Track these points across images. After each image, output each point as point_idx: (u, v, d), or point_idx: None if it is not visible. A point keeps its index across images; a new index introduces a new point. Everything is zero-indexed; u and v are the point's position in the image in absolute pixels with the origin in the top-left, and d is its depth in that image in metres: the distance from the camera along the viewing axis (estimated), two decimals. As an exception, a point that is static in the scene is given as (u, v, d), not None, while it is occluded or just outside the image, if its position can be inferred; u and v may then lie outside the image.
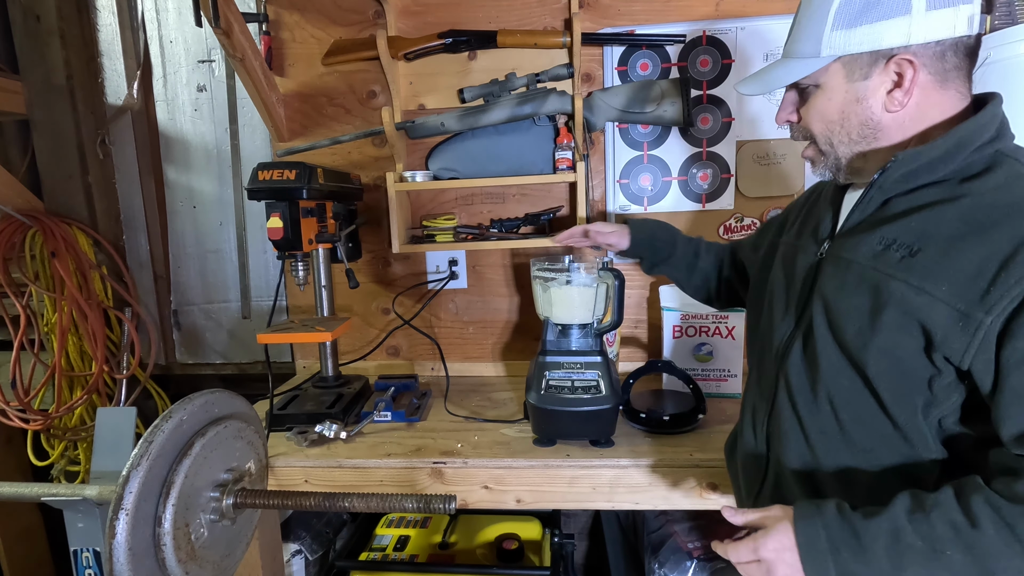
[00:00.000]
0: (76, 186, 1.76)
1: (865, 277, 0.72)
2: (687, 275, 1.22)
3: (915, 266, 0.67)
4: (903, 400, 0.71)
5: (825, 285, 0.77)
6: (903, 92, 0.70)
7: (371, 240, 1.71)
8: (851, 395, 0.74)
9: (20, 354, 1.64)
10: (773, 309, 0.87)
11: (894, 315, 0.68)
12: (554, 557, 1.47)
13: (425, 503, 0.80)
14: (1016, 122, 1.30)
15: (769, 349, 0.86)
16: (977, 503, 0.61)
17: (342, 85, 1.64)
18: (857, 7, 0.69)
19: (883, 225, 0.72)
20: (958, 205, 0.67)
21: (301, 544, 1.56)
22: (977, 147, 0.68)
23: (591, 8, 1.54)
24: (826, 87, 0.75)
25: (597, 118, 1.52)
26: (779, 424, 0.83)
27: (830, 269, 0.78)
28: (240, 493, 0.87)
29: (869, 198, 0.75)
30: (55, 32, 1.69)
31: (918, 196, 0.71)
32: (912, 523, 0.63)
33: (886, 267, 0.70)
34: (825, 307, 0.76)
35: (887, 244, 0.71)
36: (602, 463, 1.14)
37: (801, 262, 0.84)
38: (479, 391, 1.58)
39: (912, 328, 0.67)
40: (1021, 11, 1.41)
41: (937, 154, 0.69)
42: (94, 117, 1.78)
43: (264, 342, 1.27)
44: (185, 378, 1.93)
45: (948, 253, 0.65)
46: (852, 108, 0.74)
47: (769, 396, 0.86)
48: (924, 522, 0.62)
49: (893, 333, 0.69)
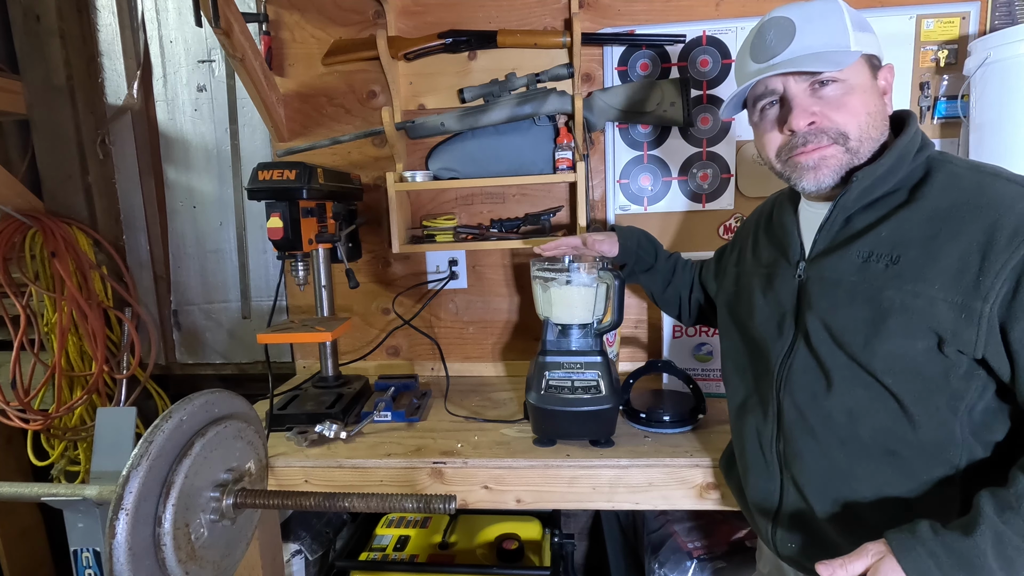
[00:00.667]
0: (76, 186, 1.76)
1: (857, 292, 0.74)
2: (662, 288, 1.24)
3: (902, 272, 0.70)
4: (925, 399, 0.72)
5: (816, 305, 0.79)
6: (889, 97, 0.80)
7: (371, 240, 1.71)
8: (870, 403, 0.75)
9: (20, 354, 1.64)
10: (763, 335, 0.88)
11: (900, 322, 0.70)
12: (554, 557, 1.47)
13: (425, 503, 0.80)
14: (1016, 122, 1.31)
15: (766, 373, 0.87)
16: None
17: (342, 85, 1.64)
18: (858, 17, 0.77)
19: (854, 241, 0.77)
20: (918, 209, 0.73)
21: (301, 544, 1.56)
22: (912, 157, 0.76)
23: (591, 8, 1.54)
24: (859, 82, 0.77)
25: (597, 118, 1.52)
26: (792, 444, 0.83)
27: (817, 290, 0.80)
28: (240, 493, 0.87)
29: (833, 218, 0.80)
30: (55, 32, 1.69)
31: (876, 208, 0.77)
32: (1008, 524, 0.62)
33: (874, 279, 0.73)
34: (824, 325, 0.77)
35: (865, 257, 0.74)
36: (602, 463, 1.14)
37: (781, 287, 0.86)
38: (479, 391, 1.58)
39: (920, 331, 0.69)
40: (1021, 11, 1.41)
41: (886, 168, 0.75)
42: (94, 117, 1.78)
43: (264, 342, 1.27)
44: (185, 378, 1.93)
45: (929, 253, 0.69)
46: (879, 102, 0.78)
47: (773, 417, 0.86)
48: (1017, 518, 0.62)
49: (902, 339, 0.70)
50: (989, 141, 1.29)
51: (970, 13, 1.42)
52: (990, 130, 1.29)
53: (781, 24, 0.77)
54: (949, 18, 1.43)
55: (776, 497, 0.87)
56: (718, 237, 1.59)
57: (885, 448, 0.75)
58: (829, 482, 0.80)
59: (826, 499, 0.80)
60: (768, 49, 0.77)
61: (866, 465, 0.76)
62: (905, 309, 0.70)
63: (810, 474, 0.81)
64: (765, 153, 0.85)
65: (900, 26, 1.44)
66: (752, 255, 0.97)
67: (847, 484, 0.78)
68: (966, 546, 0.63)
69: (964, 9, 1.42)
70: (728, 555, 1.42)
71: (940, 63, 1.44)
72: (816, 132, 0.77)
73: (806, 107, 0.77)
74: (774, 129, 0.82)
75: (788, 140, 0.80)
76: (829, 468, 0.79)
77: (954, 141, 1.46)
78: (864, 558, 0.67)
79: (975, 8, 1.42)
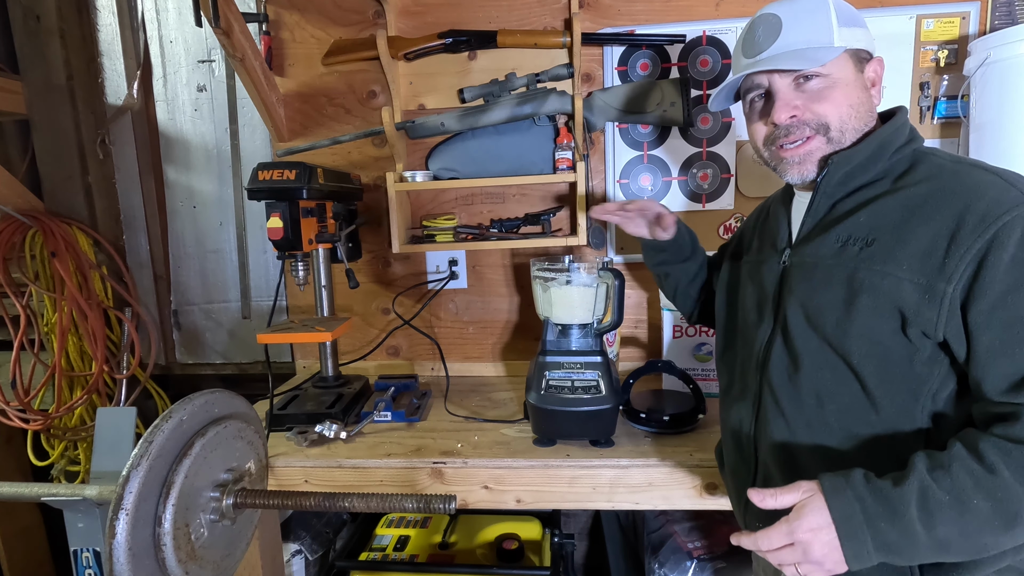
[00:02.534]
0: (76, 186, 1.76)
1: (833, 273, 0.77)
2: (688, 281, 1.20)
3: (874, 255, 0.73)
4: (888, 383, 0.74)
5: (796, 288, 0.82)
6: (877, 90, 0.83)
7: (371, 240, 1.71)
8: (835, 386, 0.78)
9: (20, 354, 1.64)
10: (748, 322, 0.92)
11: (867, 301, 0.73)
12: (554, 557, 1.47)
13: (425, 503, 0.80)
14: (1016, 122, 1.31)
15: (749, 358, 0.90)
16: (988, 450, 0.64)
17: (342, 85, 1.64)
18: (846, 12, 0.79)
19: (835, 226, 0.79)
20: (897, 197, 0.75)
21: (301, 544, 1.56)
22: (897, 148, 0.79)
23: (591, 8, 1.54)
24: (841, 75, 0.79)
25: (597, 118, 1.52)
26: (765, 427, 0.86)
27: (797, 273, 0.83)
28: (240, 493, 0.87)
29: (817, 203, 0.83)
30: (55, 32, 1.69)
31: (859, 196, 0.80)
32: (936, 480, 0.65)
33: (849, 261, 0.76)
34: (801, 307, 0.80)
35: (843, 241, 0.77)
36: (602, 463, 1.14)
37: (767, 273, 0.89)
38: (479, 391, 1.58)
39: (886, 310, 0.72)
40: (1021, 11, 1.41)
41: (866, 154, 0.79)
42: (94, 117, 1.78)
43: (264, 342, 1.27)
44: (185, 378, 1.93)
45: (900, 238, 0.72)
46: (863, 96, 0.81)
47: (753, 402, 0.89)
48: (946, 477, 0.65)
49: (869, 318, 0.73)
50: (989, 141, 1.29)
51: (970, 13, 1.42)
52: (990, 130, 1.29)
53: (769, 21, 0.81)
54: (949, 18, 1.43)
55: (750, 480, 0.90)
56: (718, 237, 1.59)
57: (848, 432, 0.77)
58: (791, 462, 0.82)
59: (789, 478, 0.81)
60: (756, 45, 0.82)
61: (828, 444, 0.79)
62: (874, 289, 0.72)
63: (776, 455, 0.84)
64: (753, 143, 0.90)
65: (900, 26, 1.44)
66: (747, 249, 1.01)
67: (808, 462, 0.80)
68: (893, 495, 0.65)
69: (964, 9, 1.42)
70: (728, 555, 1.42)
71: (940, 63, 1.44)
72: (798, 124, 0.81)
73: (788, 101, 0.81)
74: (760, 121, 0.87)
75: (772, 131, 0.84)
76: (794, 448, 0.82)
77: (954, 141, 1.46)
78: (795, 492, 0.70)
79: (975, 8, 1.42)
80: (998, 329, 0.66)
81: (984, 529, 0.63)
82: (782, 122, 0.81)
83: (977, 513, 0.63)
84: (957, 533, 0.63)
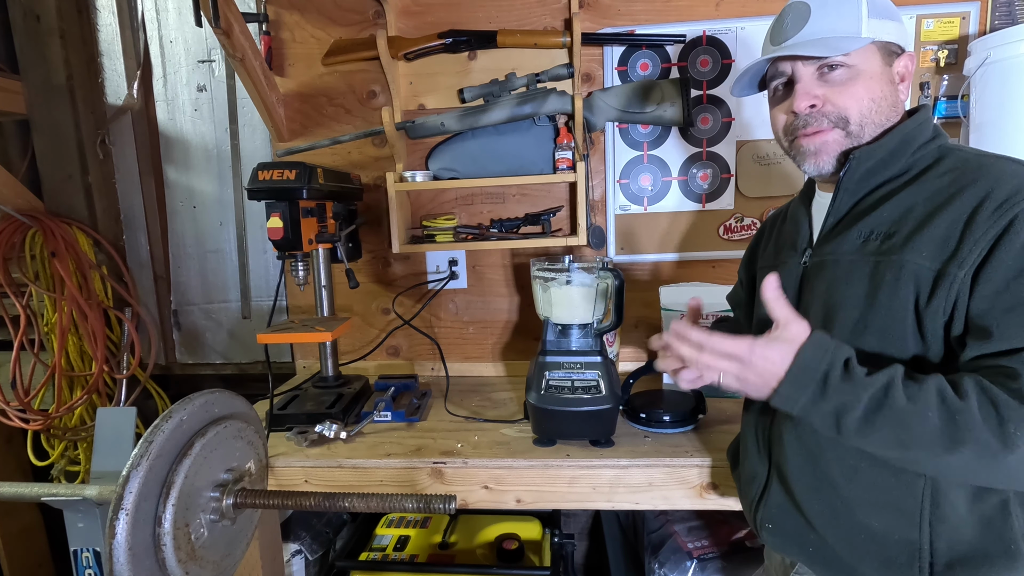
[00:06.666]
0: (76, 186, 1.76)
1: (854, 268, 0.76)
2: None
3: (895, 246, 0.73)
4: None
5: (816, 288, 0.81)
6: (906, 85, 0.81)
7: (371, 240, 1.71)
8: None
9: (20, 354, 1.64)
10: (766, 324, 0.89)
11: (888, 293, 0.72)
12: (554, 557, 1.47)
13: (425, 503, 0.80)
14: (1016, 122, 1.31)
15: None
16: (967, 383, 0.64)
17: (342, 85, 1.64)
18: (879, 4, 0.78)
19: (857, 222, 0.78)
20: (922, 189, 0.75)
21: (301, 544, 1.56)
22: (921, 144, 0.78)
23: (591, 8, 1.54)
24: (867, 67, 0.78)
25: (597, 118, 1.52)
26: (777, 427, 0.86)
27: (816, 272, 0.82)
28: (240, 493, 0.87)
29: (839, 200, 0.81)
30: (55, 32, 1.69)
31: (882, 191, 0.78)
32: (906, 386, 0.65)
33: (870, 255, 0.75)
34: (823, 305, 0.79)
35: (866, 236, 0.76)
36: (602, 463, 1.14)
37: (787, 275, 0.87)
38: (479, 391, 1.58)
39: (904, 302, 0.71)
40: (1021, 11, 1.41)
41: (888, 149, 0.78)
42: (94, 117, 1.78)
43: (264, 342, 1.27)
44: (185, 378, 1.93)
45: (922, 227, 0.71)
46: (887, 90, 0.79)
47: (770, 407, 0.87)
48: (916, 387, 0.65)
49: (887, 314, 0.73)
50: (989, 141, 1.29)
51: (970, 13, 1.42)
52: (990, 130, 1.29)
53: (798, 9, 0.80)
54: (949, 18, 1.43)
55: (763, 481, 0.89)
56: (718, 237, 1.59)
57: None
58: (804, 466, 0.82)
59: (802, 484, 0.82)
60: (783, 32, 0.81)
61: (835, 448, 0.78)
62: (894, 279, 0.72)
63: (789, 457, 0.83)
64: (775, 131, 0.89)
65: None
66: (764, 253, 1.00)
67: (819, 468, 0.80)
68: (858, 372, 0.67)
69: (964, 9, 1.42)
70: (728, 555, 1.42)
71: (940, 63, 1.44)
72: (817, 115, 0.80)
73: (809, 90, 0.80)
74: (781, 109, 0.86)
75: (792, 120, 0.83)
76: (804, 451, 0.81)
77: (954, 141, 1.46)
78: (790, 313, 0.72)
79: (975, 8, 1.42)
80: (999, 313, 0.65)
81: (923, 440, 0.64)
82: (801, 111, 0.80)
83: (925, 424, 0.63)
84: (894, 433, 0.65)
